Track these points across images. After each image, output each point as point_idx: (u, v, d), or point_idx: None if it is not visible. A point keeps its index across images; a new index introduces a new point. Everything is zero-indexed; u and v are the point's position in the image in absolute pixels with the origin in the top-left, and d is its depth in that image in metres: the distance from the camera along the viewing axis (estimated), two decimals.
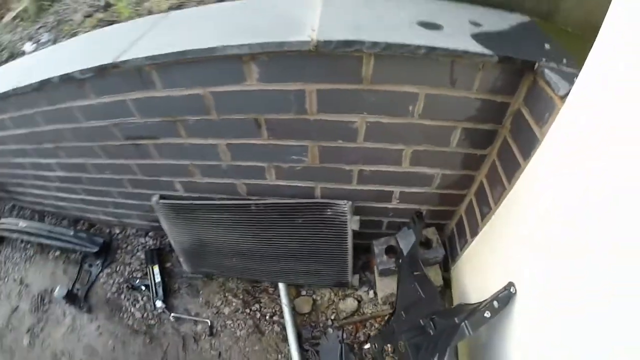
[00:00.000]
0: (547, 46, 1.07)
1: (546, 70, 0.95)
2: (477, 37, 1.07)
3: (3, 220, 2.82)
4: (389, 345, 1.44)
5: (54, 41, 3.83)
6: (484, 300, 1.07)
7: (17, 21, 5.30)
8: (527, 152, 1.06)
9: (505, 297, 1.04)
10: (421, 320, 1.20)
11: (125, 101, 1.51)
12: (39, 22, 4.72)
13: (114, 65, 1.34)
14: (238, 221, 1.72)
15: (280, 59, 1.16)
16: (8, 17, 6.25)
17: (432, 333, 1.14)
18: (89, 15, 3.89)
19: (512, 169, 1.15)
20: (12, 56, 4.24)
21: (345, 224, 1.53)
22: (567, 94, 0.87)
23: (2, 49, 4.70)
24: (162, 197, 1.85)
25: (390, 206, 1.63)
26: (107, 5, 3.86)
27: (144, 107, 1.50)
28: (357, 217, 1.54)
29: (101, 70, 1.40)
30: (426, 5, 1.27)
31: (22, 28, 4.95)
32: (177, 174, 1.76)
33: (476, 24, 1.13)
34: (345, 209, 1.49)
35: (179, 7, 2.73)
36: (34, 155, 2.22)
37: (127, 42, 1.43)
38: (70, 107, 1.67)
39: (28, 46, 4.21)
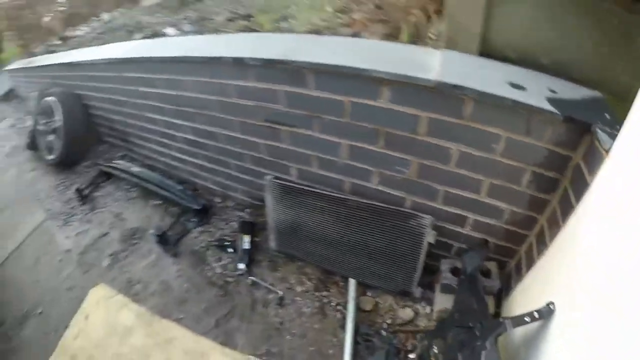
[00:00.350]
0: (607, 116, 1.48)
1: (599, 131, 1.37)
2: (552, 100, 1.53)
3: (117, 162, 3.50)
4: (435, 347, 1.80)
5: (199, 33, 4.66)
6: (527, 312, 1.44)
7: (158, 8, 6.37)
8: (580, 199, 1.43)
9: (546, 311, 1.38)
10: (470, 323, 1.59)
11: (277, 91, 2.10)
12: (180, 14, 5.68)
13: (281, 62, 1.96)
14: (333, 213, 2.22)
15: (408, 88, 1.70)
16: (147, 2, 7.43)
17: (477, 334, 1.52)
18: (231, 20, 4.72)
19: (568, 213, 1.52)
20: (155, 35, 5.15)
21: (423, 236, 1.97)
22: (611, 147, 1.25)
23: (143, 27, 5.65)
24: (275, 177, 2.36)
25: (463, 231, 2.05)
26: (248, 16, 4.66)
27: (293, 99, 2.08)
28: (434, 232, 1.97)
29: (268, 63, 2.02)
30: (517, 71, 1.79)
31: (162, 14, 5.91)
32: (298, 161, 2.32)
33: (553, 91, 1.60)
34: (427, 222, 1.94)
35: (316, 32, 3.39)
36: (170, 115, 2.91)
37: (284, 48, 2.08)
38: (227, 84, 2.30)
39: (170, 30, 5.14)
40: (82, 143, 4.24)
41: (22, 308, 2.81)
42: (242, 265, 2.50)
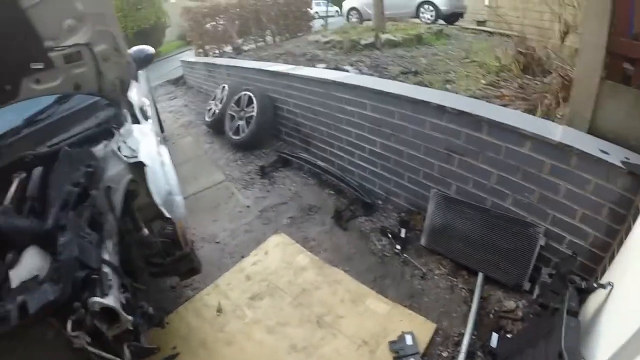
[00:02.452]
0: None
1: None
2: (624, 162, 2.46)
3: (302, 154, 4.78)
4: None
5: (376, 75, 5.92)
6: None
7: (326, 45, 7.80)
8: None
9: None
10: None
11: (460, 131, 3.31)
12: (352, 56, 7.08)
13: (468, 114, 3.18)
14: (476, 220, 3.33)
15: (540, 143, 2.80)
16: (312, 37, 8.93)
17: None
18: (404, 74, 5.96)
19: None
20: (337, 68, 6.53)
21: (537, 240, 2.99)
22: None
23: (321, 59, 7.08)
24: (439, 190, 3.47)
25: (560, 248, 2.95)
26: (416, 72, 5.89)
27: (469, 138, 3.28)
28: (545, 238, 2.97)
29: (460, 112, 3.25)
30: (608, 144, 2.71)
31: (333, 52, 7.36)
32: (459, 180, 3.50)
33: (627, 158, 2.50)
34: (541, 230, 2.96)
35: (475, 98, 4.49)
36: (365, 131, 4.19)
37: (468, 105, 3.33)
38: (425, 119, 3.55)
39: (349, 68, 6.47)
40: (266, 134, 5.81)
41: (200, 235, 4.13)
42: (398, 247, 3.58)
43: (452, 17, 11.50)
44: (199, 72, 9.18)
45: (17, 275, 2.10)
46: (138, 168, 2.59)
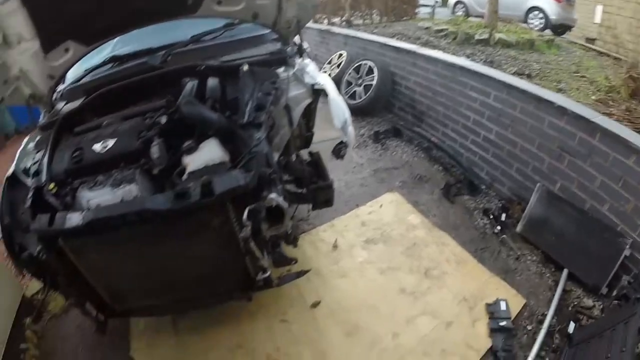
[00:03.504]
0: None
1: None
2: None
3: (415, 129, 5.22)
4: None
5: (493, 67, 6.17)
6: None
7: (441, 35, 8.08)
8: None
9: None
10: None
11: (576, 134, 3.62)
12: (466, 48, 7.36)
13: (586, 119, 3.49)
14: (573, 218, 3.65)
15: None
16: (424, 25, 9.15)
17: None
18: (519, 74, 6.22)
19: None
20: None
21: (623, 249, 3.24)
22: None
23: (435, 46, 7.42)
24: (543, 185, 3.90)
25: None
26: (529, 75, 6.18)
27: (583, 142, 3.55)
28: (630, 250, 3.21)
29: (579, 116, 3.56)
30: None
31: (447, 42, 7.74)
32: (565, 179, 3.77)
33: None
34: (628, 241, 3.20)
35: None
36: (484, 118, 4.57)
37: (583, 109, 3.65)
38: (545, 117, 3.88)
39: (464, 59, 6.76)
40: (380, 104, 6.33)
41: None
42: (498, 227, 4.00)
43: (560, 29, 11.37)
44: (311, 38, 9.56)
45: (194, 161, 2.29)
46: (316, 95, 2.86)
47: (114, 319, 2.96)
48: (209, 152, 2.31)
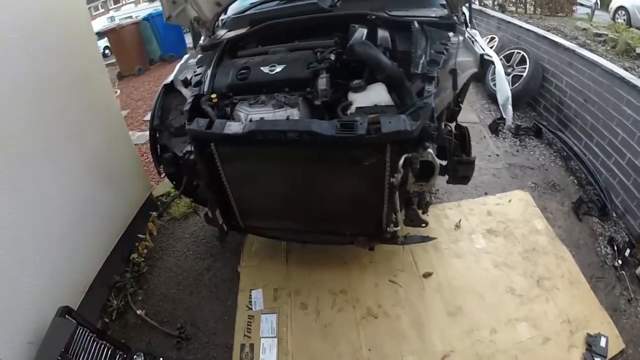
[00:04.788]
0: None
1: None
2: None
3: (559, 134, 5.06)
4: None
5: None
6: None
7: (600, 39, 7.50)
8: None
9: None
10: None
11: None
12: (625, 60, 6.82)
13: None
14: None
15: None
16: (582, 25, 8.54)
17: None
18: None
19: None
20: None
21: None
22: None
23: (597, 53, 6.91)
24: None
25: None
26: None
27: None
28: None
29: None
30: None
31: (605, 49, 7.17)
32: None
33: None
34: None
35: None
36: (633, 139, 4.21)
37: None
38: None
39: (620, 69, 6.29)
40: (527, 97, 6.08)
41: None
42: (619, 262, 3.89)
43: None
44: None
45: (362, 98, 2.39)
46: (483, 66, 2.78)
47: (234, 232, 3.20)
48: (378, 94, 2.38)
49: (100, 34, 11.09)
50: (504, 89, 2.78)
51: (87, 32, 3.64)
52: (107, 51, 14.40)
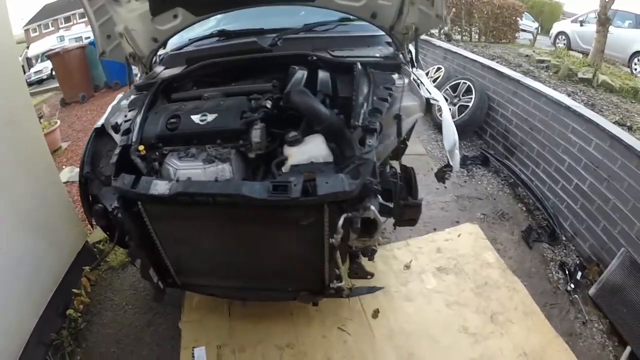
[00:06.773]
0: None
1: None
2: None
3: (506, 162, 5.00)
4: None
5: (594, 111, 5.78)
6: None
7: (542, 65, 7.65)
8: None
9: None
10: None
11: None
12: (567, 85, 6.93)
13: None
14: None
15: None
16: (525, 52, 8.69)
17: None
18: (621, 124, 5.77)
19: None
20: None
21: None
22: None
23: (534, 77, 7.07)
24: (628, 252, 3.60)
25: None
26: (630, 128, 5.77)
27: None
28: None
29: None
30: None
31: (547, 75, 7.24)
32: None
33: None
34: None
35: None
36: (579, 166, 4.27)
37: None
38: None
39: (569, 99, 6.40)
40: (473, 127, 6.13)
41: None
42: (572, 286, 3.82)
43: None
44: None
45: (297, 154, 2.22)
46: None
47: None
48: (315, 148, 2.23)
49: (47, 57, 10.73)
50: (450, 134, 2.72)
51: (14, 73, 3.38)
52: (53, 72, 13.92)
